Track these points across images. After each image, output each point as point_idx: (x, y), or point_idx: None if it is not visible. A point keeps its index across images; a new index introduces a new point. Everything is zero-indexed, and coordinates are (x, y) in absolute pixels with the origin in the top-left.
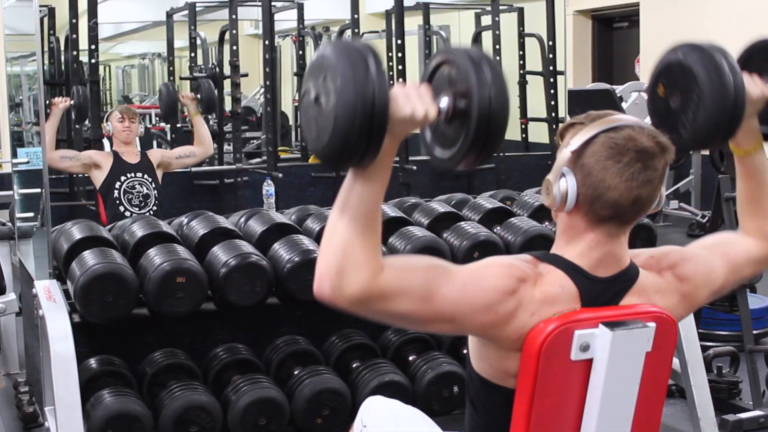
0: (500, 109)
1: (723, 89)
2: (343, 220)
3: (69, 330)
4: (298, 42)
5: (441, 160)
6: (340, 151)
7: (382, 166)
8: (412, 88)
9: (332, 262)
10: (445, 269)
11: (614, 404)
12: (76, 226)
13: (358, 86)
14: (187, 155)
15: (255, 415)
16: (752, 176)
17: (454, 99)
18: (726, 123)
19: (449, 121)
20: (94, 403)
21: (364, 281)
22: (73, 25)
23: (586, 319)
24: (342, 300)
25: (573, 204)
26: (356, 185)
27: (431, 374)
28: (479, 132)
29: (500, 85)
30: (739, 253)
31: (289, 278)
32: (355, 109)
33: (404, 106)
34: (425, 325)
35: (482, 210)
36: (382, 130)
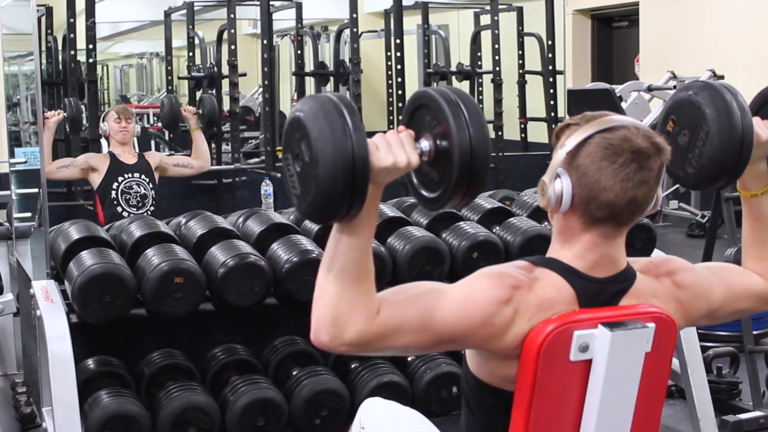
0: (481, 148)
1: (730, 128)
2: (333, 272)
3: (66, 330)
4: (297, 41)
5: (428, 201)
6: (324, 209)
7: (367, 215)
8: (393, 136)
9: (327, 313)
10: (438, 293)
11: (614, 405)
12: (74, 226)
13: (337, 144)
14: (185, 165)
15: (253, 415)
16: (757, 219)
17: (435, 140)
18: (732, 162)
19: (432, 163)
20: (91, 403)
21: (360, 327)
22: (71, 25)
23: (585, 319)
24: (341, 347)
25: (568, 205)
26: (342, 237)
27: (430, 375)
28: (462, 173)
29: (479, 125)
30: (741, 283)
31: (287, 278)
32: (335, 168)
33: (386, 157)
34: (427, 350)
35: (481, 210)
36: (364, 183)
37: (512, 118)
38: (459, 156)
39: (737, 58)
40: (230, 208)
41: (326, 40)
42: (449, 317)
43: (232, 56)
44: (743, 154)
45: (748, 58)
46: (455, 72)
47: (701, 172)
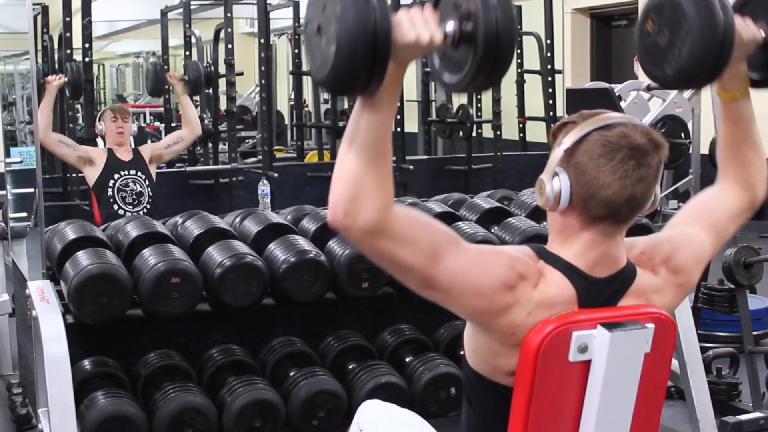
0: (507, 30)
1: (711, 26)
2: (353, 150)
3: (62, 331)
4: (294, 40)
5: (450, 84)
6: (343, 78)
7: (389, 94)
8: (417, 13)
9: (344, 191)
10: (457, 240)
11: (613, 406)
12: (70, 226)
13: (360, 12)
14: (176, 141)
15: (250, 417)
16: (736, 122)
17: (460, 23)
18: (712, 61)
19: (456, 46)
20: (87, 404)
21: (376, 209)
22: (67, 24)
23: (584, 320)
24: (354, 227)
25: (567, 203)
26: (364, 114)
27: (428, 376)
28: (487, 54)
29: (506, 6)
30: (722, 216)
31: (284, 279)
32: (357, 35)
33: (408, 32)
34: (421, 286)
35: (480, 210)
36: (385, 56)
37: (511, 117)
38: (484, 37)
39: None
40: (227, 208)
41: None
42: (457, 266)
43: (229, 55)
44: (724, 53)
45: None
46: None
47: (680, 72)
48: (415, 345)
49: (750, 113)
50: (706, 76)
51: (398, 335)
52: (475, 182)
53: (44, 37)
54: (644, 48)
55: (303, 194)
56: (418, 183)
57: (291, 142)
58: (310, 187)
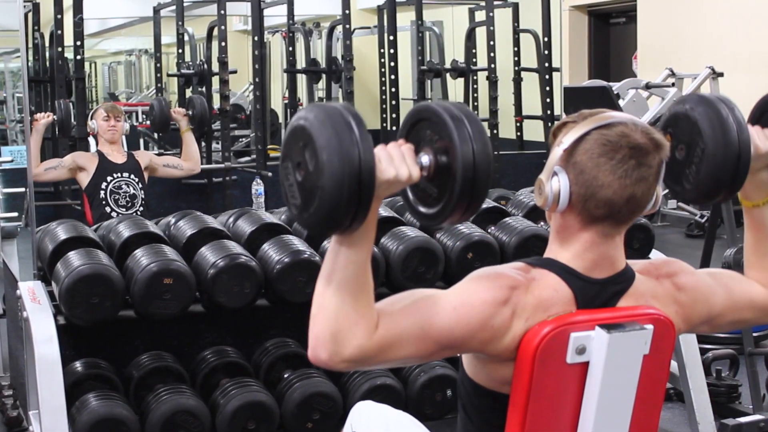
0: (484, 164)
1: (726, 145)
2: (332, 286)
3: (54, 332)
4: (288, 38)
5: (426, 217)
6: (328, 220)
7: (367, 228)
8: (394, 149)
9: (326, 329)
10: (434, 299)
11: (611, 408)
12: (62, 226)
13: (344, 154)
14: (174, 166)
15: (244, 419)
16: (759, 229)
17: (435, 155)
18: (729, 179)
19: (431, 179)
20: (79, 407)
21: (360, 342)
22: (58, 21)
23: (581, 321)
24: (341, 364)
25: (566, 203)
26: (341, 250)
27: (424, 377)
28: (464, 188)
29: (483, 140)
30: (743, 293)
31: (278, 279)
32: (342, 178)
33: (387, 169)
34: (428, 358)
35: None
36: (369, 196)
37: (507, 116)
38: (462, 171)
39: (736, 55)
40: (220, 208)
41: (318, 37)
42: (447, 323)
43: (223, 53)
44: (740, 171)
45: (748, 55)
46: (449, 69)
47: (698, 188)
48: None
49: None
50: (724, 193)
51: None
52: None
53: (35, 34)
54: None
55: None
56: None
57: None
58: None
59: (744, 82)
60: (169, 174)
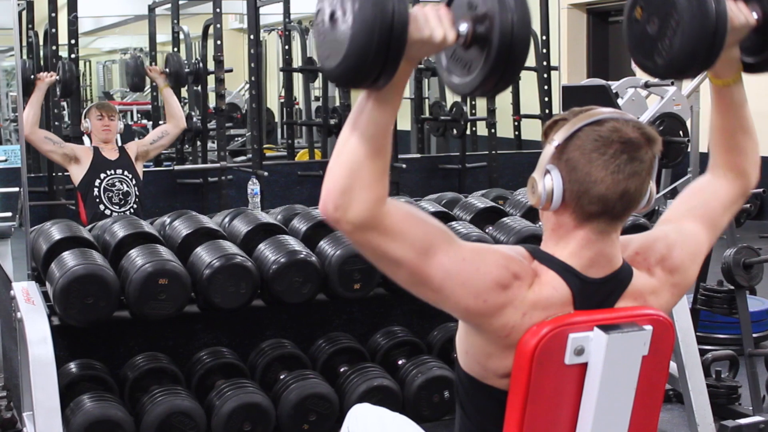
0: (522, 35)
1: (703, 16)
2: (353, 140)
3: (48, 333)
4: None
5: (457, 86)
6: (355, 70)
7: (395, 90)
8: (431, 10)
9: (338, 182)
10: (451, 237)
11: (610, 410)
12: (56, 226)
13: (378, 5)
14: (161, 136)
15: (240, 420)
16: (729, 109)
17: (474, 24)
18: (704, 52)
19: (468, 47)
20: (73, 408)
21: (368, 205)
22: (53, 19)
23: (580, 322)
24: (344, 221)
25: (560, 201)
26: (367, 107)
27: (421, 379)
28: (500, 57)
29: (523, 11)
30: (716, 207)
31: (274, 280)
32: (373, 27)
33: (423, 28)
34: (412, 283)
35: (474, 209)
36: (400, 50)
37: (505, 115)
38: (499, 39)
39: None
40: (216, 208)
41: None
42: (449, 264)
43: (218, 51)
44: (716, 44)
45: None
46: None
47: (672, 63)
48: (407, 347)
49: (743, 99)
50: (698, 67)
51: (391, 337)
52: (469, 181)
53: (29, 33)
54: (633, 36)
55: (293, 193)
56: (411, 182)
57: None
58: (301, 186)
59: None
60: (161, 145)
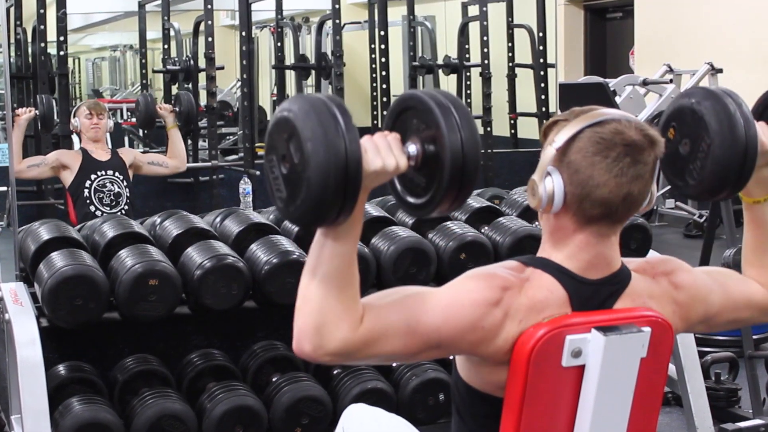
0: (473, 152)
1: (734, 142)
2: (317, 279)
3: (36, 335)
4: (277, 33)
5: (414, 207)
6: (315, 213)
7: (353, 220)
8: (380, 139)
9: (310, 321)
10: (423, 296)
11: (607, 412)
12: (44, 226)
13: (330, 145)
14: (159, 164)
15: (231, 423)
16: (760, 226)
17: (422, 144)
18: (735, 176)
19: (419, 168)
20: (62, 411)
21: (344, 335)
22: (41, 16)
23: (577, 323)
24: (324, 357)
25: (560, 204)
26: (327, 243)
27: (416, 381)
28: (453, 177)
29: (470, 128)
30: (741, 292)
31: (267, 281)
32: (328, 170)
33: (374, 160)
34: (414, 357)
35: (469, 209)
36: (356, 188)
37: (501, 113)
38: (450, 159)
39: (736, 51)
40: (207, 207)
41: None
42: (436, 321)
43: (210, 49)
44: (746, 167)
45: (747, 51)
46: (442, 65)
47: (703, 184)
48: None
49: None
50: (729, 190)
51: None
52: None
53: (17, 29)
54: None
55: None
56: None
57: None
58: None
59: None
60: (154, 172)
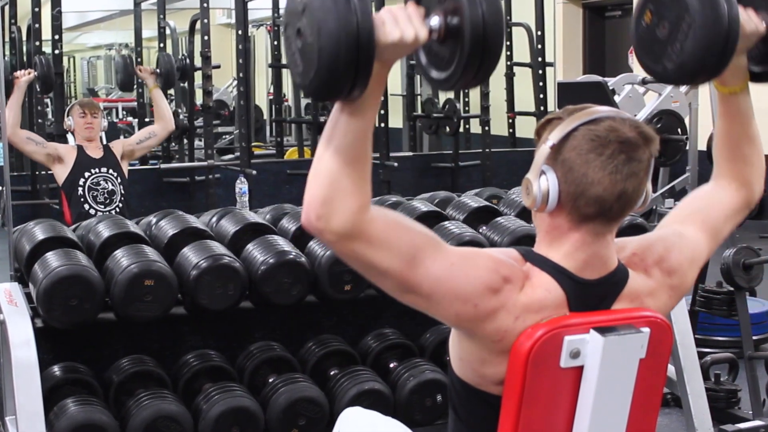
0: (494, 23)
1: (716, 20)
2: (330, 150)
3: (31, 335)
4: (273, 32)
5: (438, 81)
6: (327, 84)
7: (371, 95)
8: (399, 10)
9: (319, 192)
10: (438, 243)
11: (606, 414)
12: (39, 226)
13: (340, 15)
14: (148, 137)
15: (227, 425)
16: (734, 117)
17: (445, 17)
18: (716, 58)
19: (442, 41)
20: (57, 412)
21: (351, 213)
22: (36, 14)
23: (576, 324)
24: (327, 231)
25: (555, 203)
26: (343, 116)
27: (413, 382)
28: (474, 50)
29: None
30: (717, 216)
31: (263, 281)
32: (339, 41)
33: (392, 31)
34: (400, 291)
35: (467, 209)
36: (369, 58)
37: (499, 112)
38: (471, 31)
39: None
40: (203, 207)
41: None
42: (438, 270)
43: (206, 47)
44: (728, 50)
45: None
46: None
47: (681, 68)
48: (399, 350)
49: (749, 108)
50: (708, 73)
51: (382, 340)
52: (462, 180)
53: (12, 28)
54: (641, 40)
55: (282, 192)
56: (403, 181)
57: (270, 138)
58: (290, 185)
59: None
60: (148, 146)
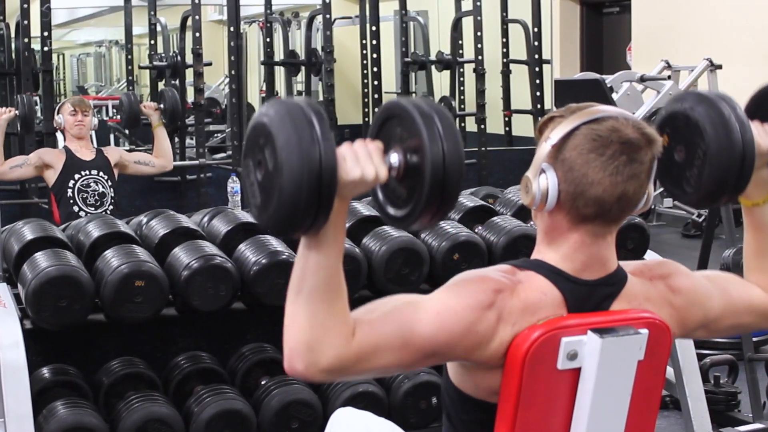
0: (455, 164)
1: (730, 147)
2: (303, 293)
3: (20, 337)
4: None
5: (395, 219)
6: (287, 221)
7: (334, 230)
8: (360, 147)
9: (302, 338)
10: (414, 305)
11: (604, 416)
12: (28, 226)
13: (303, 155)
14: (146, 163)
15: (219, 428)
16: (759, 229)
17: (405, 154)
18: (733, 182)
19: (401, 179)
20: (46, 415)
21: (337, 351)
22: (25, 11)
23: (573, 325)
24: (318, 375)
25: (554, 202)
26: (310, 255)
27: (408, 384)
28: (433, 190)
29: (454, 139)
30: (741, 297)
31: (255, 282)
32: (301, 178)
33: (353, 169)
34: (410, 367)
35: (462, 208)
36: (330, 197)
37: (496, 110)
38: (431, 172)
39: (735, 46)
40: (195, 207)
41: (297, 27)
42: (429, 329)
43: (197, 44)
44: (744, 172)
45: (746, 46)
46: (435, 61)
47: (701, 191)
48: None
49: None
50: (728, 195)
51: None
52: None
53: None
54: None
55: None
56: None
57: None
58: None
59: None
60: (140, 171)
